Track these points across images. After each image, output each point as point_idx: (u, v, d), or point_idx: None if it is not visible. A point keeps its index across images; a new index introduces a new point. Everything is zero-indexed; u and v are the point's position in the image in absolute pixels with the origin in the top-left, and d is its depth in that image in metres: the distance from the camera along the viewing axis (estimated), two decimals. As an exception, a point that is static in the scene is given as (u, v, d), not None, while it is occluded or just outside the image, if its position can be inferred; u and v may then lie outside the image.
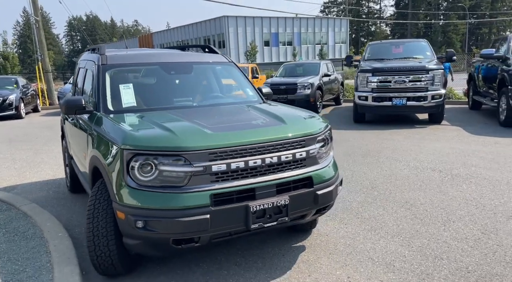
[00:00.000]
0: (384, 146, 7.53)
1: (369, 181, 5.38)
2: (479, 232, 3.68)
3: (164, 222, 2.51)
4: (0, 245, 3.33)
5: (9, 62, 42.13)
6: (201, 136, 2.69)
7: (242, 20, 48.49)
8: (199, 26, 52.07)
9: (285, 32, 53.71)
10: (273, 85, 13.10)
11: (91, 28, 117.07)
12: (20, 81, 16.85)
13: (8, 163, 7.07)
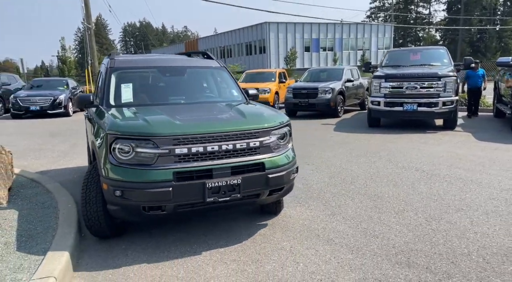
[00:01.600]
0: (384, 148, 7.94)
1: (351, 177, 5.89)
2: (423, 220, 4.16)
3: (136, 192, 3.26)
4: (23, 211, 4.23)
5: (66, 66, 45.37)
6: (168, 125, 3.43)
7: (283, 26, 49.21)
8: (241, 32, 53.36)
9: (326, 38, 53.77)
10: (296, 89, 13.71)
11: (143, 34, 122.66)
12: (70, 83, 18.49)
13: (48, 153, 8.19)
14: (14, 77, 20.10)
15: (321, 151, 7.84)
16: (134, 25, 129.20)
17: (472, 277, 3.02)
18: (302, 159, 7.11)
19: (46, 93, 15.96)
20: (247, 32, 52.23)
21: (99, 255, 3.49)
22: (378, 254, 3.43)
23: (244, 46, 53.15)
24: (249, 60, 50.71)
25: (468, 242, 3.62)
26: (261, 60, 48.98)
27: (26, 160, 7.36)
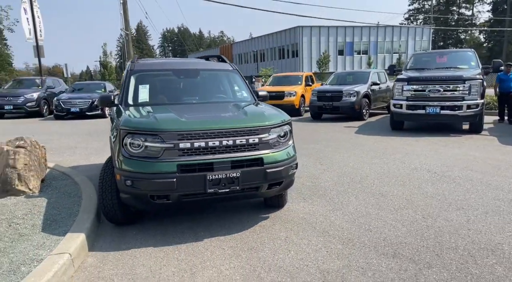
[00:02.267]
0: (401, 150, 8.01)
1: (360, 176, 6.05)
2: (420, 217, 4.30)
3: (144, 181, 3.62)
4: (51, 199, 4.72)
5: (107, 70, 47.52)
6: (173, 122, 3.78)
7: (316, 30, 49.19)
8: (274, 37, 53.79)
9: (361, 41, 53.18)
10: (320, 92, 13.87)
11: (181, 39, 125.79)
12: (108, 87, 19.48)
13: (82, 150, 8.82)
14: (58, 81, 21.38)
15: (336, 152, 8.00)
16: (173, 31, 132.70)
17: (452, 267, 3.17)
18: (317, 160, 7.33)
19: (85, 96, 16.93)
20: (280, 36, 52.60)
21: (113, 238, 3.88)
22: (367, 245, 3.63)
23: (277, 50, 53.54)
24: (282, 64, 51.00)
25: (458, 237, 3.74)
26: (294, 64, 49.17)
27: (61, 156, 7.99)
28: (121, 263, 3.35)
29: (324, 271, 3.17)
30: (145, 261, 3.39)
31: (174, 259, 3.42)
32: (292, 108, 15.45)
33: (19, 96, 17.26)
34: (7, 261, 3.10)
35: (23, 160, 4.94)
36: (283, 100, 15.39)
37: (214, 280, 3.06)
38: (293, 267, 3.24)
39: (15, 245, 3.42)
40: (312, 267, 3.24)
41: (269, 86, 16.92)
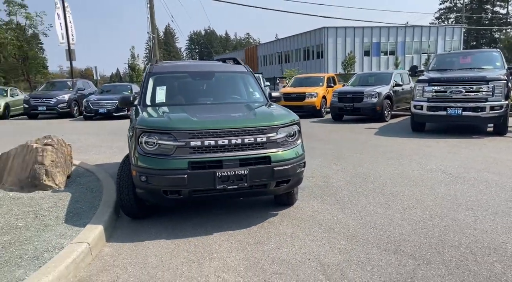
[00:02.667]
0: (419, 152, 7.98)
1: (374, 177, 6.11)
2: (428, 216, 4.35)
3: (157, 177, 3.85)
4: (75, 194, 5.04)
5: (135, 73, 48.68)
6: (185, 121, 4.00)
7: (342, 31, 48.85)
8: (299, 38, 53.75)
9: (388, 42, 52.42)
10: (341, 93, 13.88)
11: (208, 41, 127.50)
12: (134, 88, 20.07)
13: (107, 149, 9.22)
14: (88, 83, 22.20)
15: (353, 153, 8.06)
16: (199, 34, 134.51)
17: (451, 264, 3.24)
18: (332, 160, 7.41)
19: (113, 97, 17.51)
20: (305, 37, 52.52)
21: (129, 231, 4.14)
22: (370, 242, 3.73)
23: (302, 51, 53.46)
24: (307, 65, 50.90)
25: (462, 236, 3.79)
26: (318, 65, 48.98)
27: (87, 155, 8.39)
28: (134, 253, 3.59)
29: (325, 264, 3.31)
30: (157, 251, 3.62)
31: (184, 250, 3.63)
32: (313, 109, 15.51)
33: (52, 98, 18.05)
34: (32, 248, 3.39)
35: (50, 156, 5.28)
36: (304, 102, 15.47)
37: (219, 270, 3.25)
38: (295, 260, 3.39)
39: (40, 234, 3.71)
40: (314, 261, 3.37)
41: (290, 88, 17.03)
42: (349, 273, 3.15)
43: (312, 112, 15.66)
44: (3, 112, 18.09)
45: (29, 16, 25.87)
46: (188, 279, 3.10)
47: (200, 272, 3.22)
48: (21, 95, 20.37)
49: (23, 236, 3.66)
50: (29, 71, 28.39)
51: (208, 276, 3.15)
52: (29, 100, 18.25)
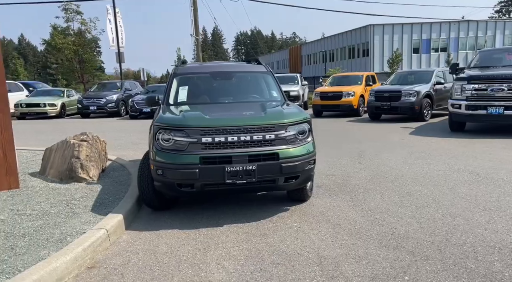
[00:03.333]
0: (451, 152, 7.78)
1: (395, 176, 6.08)
2: (440, 215, 4.32)
3: (172, 171, 4.14)
4: (105, 186, 5.48)
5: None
6: (198, 119, 4.26)
7: (389, 28, 47.52)
8: (344, 36, 52.92)
9: (439, 38, 50.24)
10: (378, 92, 13.67)
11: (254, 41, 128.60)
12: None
13: (143, 146, 9.67)
14: (135, 84, 23.34)
15: (381, 152, 7.99)
16: (246, 34, 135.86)
17: (449, 261, 3.25)
18: (357, 159, 7.42)
19: (156, 97, 18.33)
20: (350, 35, 51.63)
21: (148, 221, 4.46)
22: (373, 238, 3.79)
23: (347, 49, 52.60)
24: (351, 64, 50.04)
25: (470, 235, 3.75)
26: (364, 64, 47.99)
27: (126, 151, 8.94)
28: (148, 241, 3.89)
29: (322, 257, 3.42)
30: (168, 240, 3.90)
31: (193, 240, 3.88)
32: (350, 108, 15.38)
33: (101, 98, 19.20)
34: (58, 233, 3.78)
35: (85, 151, 5.76)
36: (341, 101, 15.37)
37: (221, 258, 3.47)
38: (295, 252, 3.53)
39: (67, 220, 4.12)
40: (312, 253, 3.50)
41: (328, 87, 16.96)
42: (343, 265, 3.25)
43: (349, 111, 15.53)
44: (60, 111, 19.47)
45: (84, 22, 27.71)
46: (191, 265, 3.35)
47: (203, 259, 3.46)
48: (76, 96, 21.81)
49: (53, 222, 4.08)
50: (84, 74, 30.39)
51: (210, 263, 3.37)
52: (82, 100, 19.53)
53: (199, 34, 26.33)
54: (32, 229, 3.87)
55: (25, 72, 66.95)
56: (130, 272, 3.25)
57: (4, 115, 5.22)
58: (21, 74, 61.79)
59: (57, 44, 27.21)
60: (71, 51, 27.42)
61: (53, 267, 3.02)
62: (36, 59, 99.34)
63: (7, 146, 5.25)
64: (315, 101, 16.48)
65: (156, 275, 3.19)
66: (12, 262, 3.15)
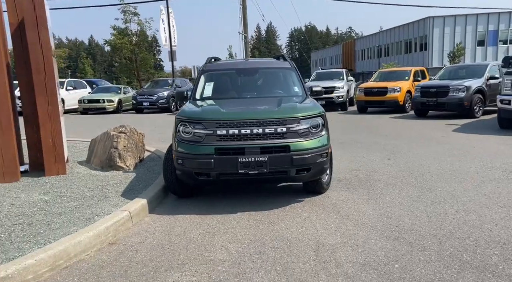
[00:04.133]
0: (490, 149, 7.49)
1: (421, 172, 6.02)
2: (453, 210, 4.31)
3: (190, 161, 4.48)
4: (139, 174, 5.96)
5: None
6: (214, 113, 4.56)
7: (450, 20, 45.14)
8: (400, 30, 51.03)
9: (508, 29, 46.84)
10: (424, 87, 13.25)
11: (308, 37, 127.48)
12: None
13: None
14: (185, 81, 24.28)
15: (414, 149, 7.85)
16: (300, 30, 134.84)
17: (445, 253, 3.29)
18: (387, 155, 7.37)
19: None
20: (406, 29, 49.67)
21: (171, 206, 4.84)
22: (377, 229, 3.88)
23: (403, 44, 50.68)
24: (408, 59, 48.18)
25: (477, 230, 3.73)
26: (421, 58, 45.98)
27: (166, 143, 9.44)
28: (166, 223, 4.26)
29: (321, 244, 3.59)
30: (184, 223, 4.24)
31: (206, 224, 4.20)
32: (395, 105, 15.00)
33: (154, 95, 20.24)
34: (89, 213, 4.26)
35: (123, 142, 6.30)
36: (386, 97, 15.04)
37: (227, 241, 3.74)
38: (296, 239, 3.72)
39: (99, 203, 4.60)
40: (312, 240, 3.67)
41: (372, 82, 16.62)
42: (339, 252, 3.40)
43: (394, 107, 15.16)
44: (117, 107, 20.80)
45: (140, 23, 29.35)
46: (198, 246, 3.65)
47: (210, 241, 3.75)
48: (131, 92, 23.15)
49: (87, 203, 4.58)
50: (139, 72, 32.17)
51: (215, 245, 3.66)
52: (136, 97, 20.72)
53: (247, 31, 26.79)
54: (68, 209, 4.39)
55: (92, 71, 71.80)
56: (144, 249, 3.62)
57: (53, 108, 5.85)
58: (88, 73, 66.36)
59: (116, 44, 29.06)
60: (128, 50, 29.13)
61: (78, 241, 3.46)
62: (103, 59, 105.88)
63: (56, 136, 5.88)
64: (359, 97, 16.24)
65: (166, 252, 3.53)
66: (46, 235, 3.65)
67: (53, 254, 3.21)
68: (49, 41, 5.78)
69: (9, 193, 5.02)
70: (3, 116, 5.55)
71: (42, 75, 5.74)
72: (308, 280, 2.97)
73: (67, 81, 22.05)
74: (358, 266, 3.14)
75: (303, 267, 3.17)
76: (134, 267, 3.25)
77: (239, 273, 3.11)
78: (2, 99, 5.53)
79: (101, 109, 20.23)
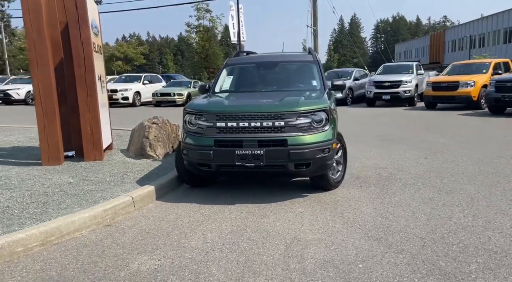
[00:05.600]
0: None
1: (451, 173, 5.58)
2: (461, 215, 3.97)
3: (192, 152, 4.64)
4: (164, 163, 6.27)
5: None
6: (216, 105, 4.66)
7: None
8: (499, 17, 46.19)
9: None
10: (500, 82, 12.32)
11: (395, 29, 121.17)
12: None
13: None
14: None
15: (462, 148, 7.23)
16: (387, 21, 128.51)
17: (421, 257, 3.08)
18: (425, 154, 6.90)
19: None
20: (507, 16, 44.73)
21: (180, 194, 5.05)
22: (364, 228, 3.71)
23: (502, 33, 45.76)
24: (507, 49, 43.45)
25: (474, 236, 3.41)
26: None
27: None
28: (165, 209, 4.48)
29: (296, 239, 3.52)
30: (180, 211, 4.42)
31: (200, 213, 4.32)
32: (467, 100, 13.78)
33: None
34: (98, 196, 4.62)
35: (154, 133, 6.68)
36: (457, 92, 13.86)
37: (209, 230, 3.83)
38: (275, 232, 3.70)
39: (112, 188, 4.96)
40: (290, 235, 3.62)
41: (442, 76, 15.39)
42: (309, 248, 3.32)
43: (467, 103, 13.92)
44: (186, 100, 21.85)
45: (212, 19, 30.39)
46: (180, 233, 3.79)
47: (194, 229, 3.87)
48: (202, 86, 24.12)
49: (102, 187, 4.97)
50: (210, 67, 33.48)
51: (196, 233, 3.77)
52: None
53: (317, 24, 26.35)
54: (83, 192, 4.81)
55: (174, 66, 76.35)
56: (131, 232, 3.85)
57: (92, 99, 6.40)
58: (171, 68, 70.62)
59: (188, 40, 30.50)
60: (199, 46, 30.42)
61: (71, 220, 3.80)
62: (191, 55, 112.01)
63: (94, 125, 6.43)
64: (426, 92, 15.16)
65: (148, 237, 3.73)
66: (51, 214, 4.05)
67: (45, 230, 3.57)
68: (89, 38, 6.32)
69: (46, 175, 5.63)
70: (49, 107, 6.21)
71: (82, 69, 6.31)
72: (263, 273, 2.96)
73: (144, 76, 23.65)
74: (320, 263, 3.05)
75: (265, 260, 3.16)
76: (113, 248, 3.49)
77: (201, 261, 3.19)
78: (48, 91, 6.19)
79: (171, 102, 21.42)
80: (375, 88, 16.99)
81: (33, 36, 6.09)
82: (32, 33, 6.09)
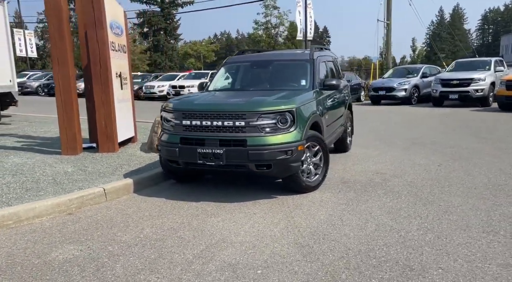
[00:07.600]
0: None
1: (455, 182, 5.02)
2: (414, 228, 3.57)
3: (163, 148, 4.73)
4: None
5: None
6: (185, 104, 4.71)
7: None
8: None
9: None
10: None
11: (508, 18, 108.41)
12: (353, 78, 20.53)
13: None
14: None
15: (494, 156, 6.39)
16: (497, 10, 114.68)
17: (327, 268, 2.87)
18: (446, 161, 6.26)
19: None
20: None
21: (159, 189, 5.16)
22: (299, 234, 3.52)
23: None
24: None
25: (405, 251, 3.06)
26: None
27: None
28: (133, 203, 4.61)
29: (222, 240, 3.45)
30: (144, 205, 4.51)
31: (159, 208, 4.37)
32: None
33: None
34: (78, 186, 4.86)
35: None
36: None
37: (160, 224, 3.86)
38: (209, 232, 3.64)
39: (96, 179, 5.17)
40: (221, 235, 3.55)
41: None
42: (227, 250, 3.24)
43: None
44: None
45: (279, 16, 30.33)
46: (125, 225, 3.88)
47: (139, 223, 3.95)
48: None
49: (89, 178, 5.25)
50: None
51: (144, 228, 3.80)
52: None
53: (390, 18, 24.92)
54: (71, 181, 5.14)
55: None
56: (84, 222, 4.02)
57: (106, 95, 6.81)
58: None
59: (255, 37, 30.85)
60: (265, 43, 30.61)
61: (31, 207, 4.10)
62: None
63: (107, 119, 6.85)
64: (499, 92, 13.51)
65: (93, 227, 3.86)
66: (24, 199, 4.35)
67: (2, 214, 3.92)
68: (104, 38, 6.73)
69: (55, 164, 6.12)
70: (68, 102, 6.75)
71: (97, 67, 6.75)
72: (160, 271, 2.94)
73: (211, 73, 24.52)
74: (222, 266, 2.97)
75: (174, 258, 3.15)
76: (53, 236, 3.69)
77: (116, 255, 3.24)
78: (68, 88, 6.74)
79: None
80: (442, 87, 15.58)
81: (55, 36, 6.66)
82: (54, 33, 6.66)
